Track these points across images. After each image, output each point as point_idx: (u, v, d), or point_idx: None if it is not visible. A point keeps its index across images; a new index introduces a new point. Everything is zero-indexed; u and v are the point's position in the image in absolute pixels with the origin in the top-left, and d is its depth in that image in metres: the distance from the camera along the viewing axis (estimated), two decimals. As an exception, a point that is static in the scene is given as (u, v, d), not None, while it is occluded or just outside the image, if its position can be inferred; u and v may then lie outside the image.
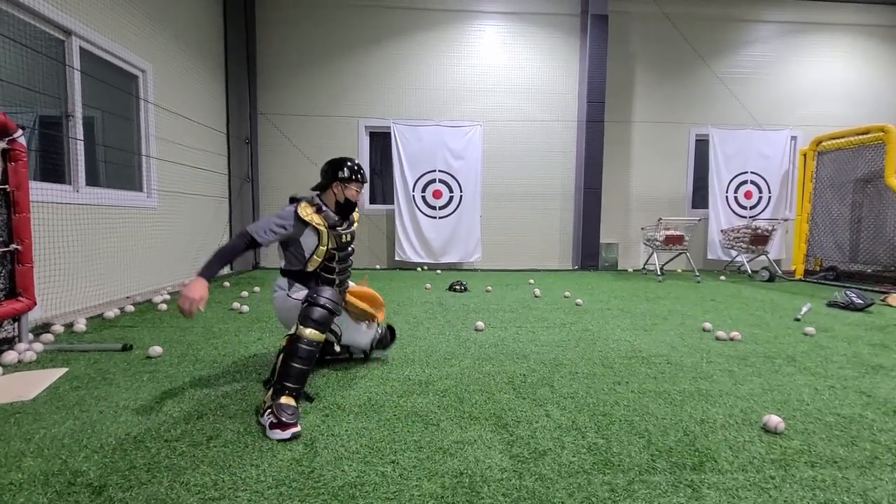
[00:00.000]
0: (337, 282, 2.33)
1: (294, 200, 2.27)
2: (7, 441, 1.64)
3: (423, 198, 7.25)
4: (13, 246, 2.63)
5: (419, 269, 7.31)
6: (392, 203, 7.34)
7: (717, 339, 3.18)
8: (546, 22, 7.44)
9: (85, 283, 3.77)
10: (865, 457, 1.60)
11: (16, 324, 2.72)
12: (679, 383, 2.31)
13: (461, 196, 7.26)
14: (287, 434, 1.68)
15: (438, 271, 7.09)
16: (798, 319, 3.83)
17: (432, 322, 3.64)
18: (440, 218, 7.27)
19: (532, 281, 6.09)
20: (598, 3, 7.22)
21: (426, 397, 2.09)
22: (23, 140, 2.66)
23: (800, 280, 6.55)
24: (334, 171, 2.27)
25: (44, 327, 3.15)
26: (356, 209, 2.42)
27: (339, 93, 7.27)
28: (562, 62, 7.52)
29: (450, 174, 7.24)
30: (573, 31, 7.48)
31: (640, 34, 7.61)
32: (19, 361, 2.51)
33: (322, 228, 2.22)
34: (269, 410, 1.76)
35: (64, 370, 2.40)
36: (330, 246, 2.26)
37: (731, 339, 3.16)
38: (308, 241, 2.22)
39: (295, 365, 1.87)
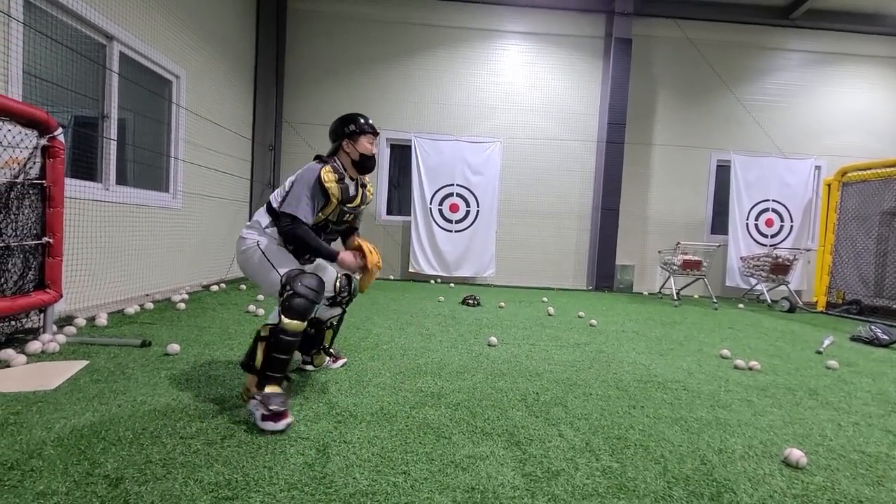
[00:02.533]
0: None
1: (319, 159, 2.17)
2: (29, 429, 1.67)
3: (440, 211, 7.30)
4: (45, 239, 2.72)
5: (433, 281, 7.32)
6: (409, 215, 7.40)
7: (736, 367, 3.11)
8: (570, 43, 7.53)
9: (108, 278, 3.87)
10: (893, 498, 1.54)
11: (42, 315, 2.80)
12: (696, 410, 2.26)
13: (478, 211, 7.29)
14: (281, 425, 1.72)
15: (452, 285, 7.09)
16: (820, 352, 3.73)
17: (445, 335, 3.63)
18: (456, 232, 7.30)
19: (546, 299, 6.05)
20: (622, 26, 7.28)
21: (438, 410, 2.08)
22: (62, 138, 2.77)
23: (821, 312, 6.38)
24: (343, 127, 2.18)
25: (67, 320, 3.23)
26: (368, 184, 2.33)
27: (362, 104, 7.41)
28: (584, 83, 7.57)
29: (467, 189, 7.29)
30: (596, 53, 7.54)
31: (663, 58, 7.64)
32: (43, 352, 2.57)
33: (334, 200, 2.10)
34: (257, 401, 1.79)
35: (85, 363, 2.45)
36: (330, 217, 2.17)
37: (750, 369, 3.08)
38: (318, 201, 2.10)
39: (278, 356, 1.87)
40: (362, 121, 2.20)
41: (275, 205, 2.13)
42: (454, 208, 7.30)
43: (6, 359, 2.35)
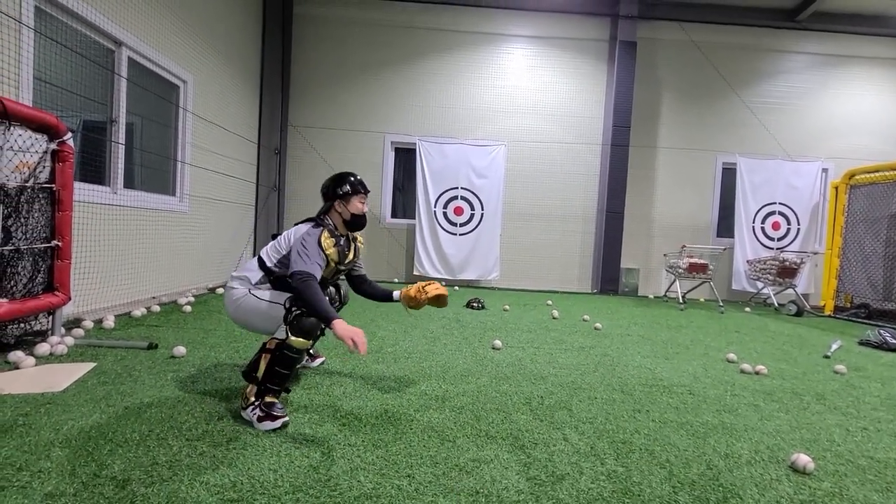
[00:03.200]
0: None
1: (316, 224, 2.15)
2: (38, 430, 1.69)
3: (445, 214, 7.31)
4: (54, 242, 2.75)
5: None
6: (413, 218, 7.42)
7: (742, 371, 3.08)
8: (574, 47, 7.53)
9: (115, 281, 3.90)
10: (902, 504, 1.53)
11: (50, 317, 2.83)
12: (702, 415, 2.24)
13: (482, 214, 7.29)
14: (277, 423, 1.79)
15: (456, 288, 7.09)
16: (828, 356, 3.70)
17: (449, 338, 3.63)
18: (460, 235, 7.30)
19: (550, 302, 6.04)
20: (626, 30, 7.28)
21: (442, 413, 2.08)
22: (71, 142, 2.80)
23: (829, 316, 6.32)
24: (335, 187, 2.19)
25: (75, 322, 3.26)
26: (359, 237, 2.35)
27: (367, 108, 7.45)
28: (588, 86, 7.57)
29: (472, 192, 7.30)
30: (601, 57, 7.55)
31: (668, 61, 7.63)
32: (51, 354, 2.60)
33: (332, 264, 2.16)
34: (254, 407, 1.85)
35: (92, 365, 2.47)
36: (325, 276, 2.20)
37: (757, 373, 3.06)
38: None
39: (280, 370, 1.88)
40: (353, 180, 2.21)
41: (269, 263, 2.10)
42: (458, 211, 7.31)
43: (15, 361, 2.37)
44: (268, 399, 1.86)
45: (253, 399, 1.88)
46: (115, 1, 3.85)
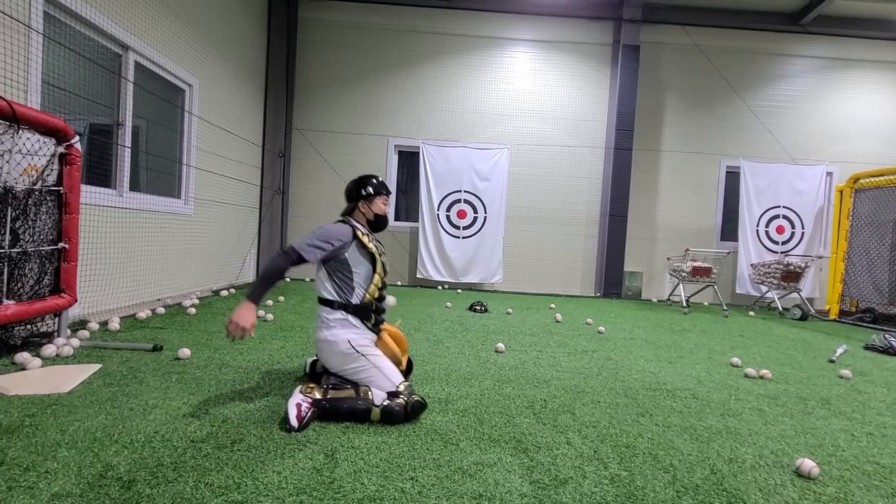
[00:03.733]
0: (385, 311, 2.30)
1: (345, 221, 2.23)
2: (44, 431, 1.70)
3: (448, 217, 7.32)
4: (61, 244, 2.77)
5: (440, 287, 7.33)
6: (416, 221, 7.43)
7: (747, 376, 3.07)
8: (577, 50, 7.55)
9: (121, 283, 3.93)
10: (908, 510, 1.52)
11: (56, 319, 2.85)
12: (706, 419, 2.24)
13: (485, 217, 7.30)
14: (293, 412, 1.83)
15: (459, 291, 7.10)
16: (833, 361, 3.68)
17: (452, 341, 3.63)
18: (463, 238, 7.31)
19: (553, 305, 6.03)
20: (630, 33, 7.30)
21: (445, 416, 2.08)
22: (79, 146, 2.83)
23: (834, 320, 6.29)
24: (359, 188, 2.28)
25: (81, 324, 3.28)
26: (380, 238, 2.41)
27: (370, 111, 7.49)
28: (592, 90, 7.58)
29: (475, 195, 7.31)
30: (604, 60, 7.56)
31: (671, 64, 7.63)
32: (57, 355, 2.61)
33: (377, 255, 2.18)
34: (304, 399, 1.91)
35: (98, 366, 2.49)
36: (382, 274, 2.22)
37: (761, 377, 3.05)
38: (362, 268, 2.16)
39: (342, 411, 1.94)
40: (376, 182, 2.29)
41: (328, 296, 2.15)
42: (462, 214, 7.32)
43: (22, 362, 2.39)
44: (312, 410, 1.91)
45: (309, 397, 1.94)
46: (122, 6, 3.89)
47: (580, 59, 7.56)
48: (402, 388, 2.05)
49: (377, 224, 2.31)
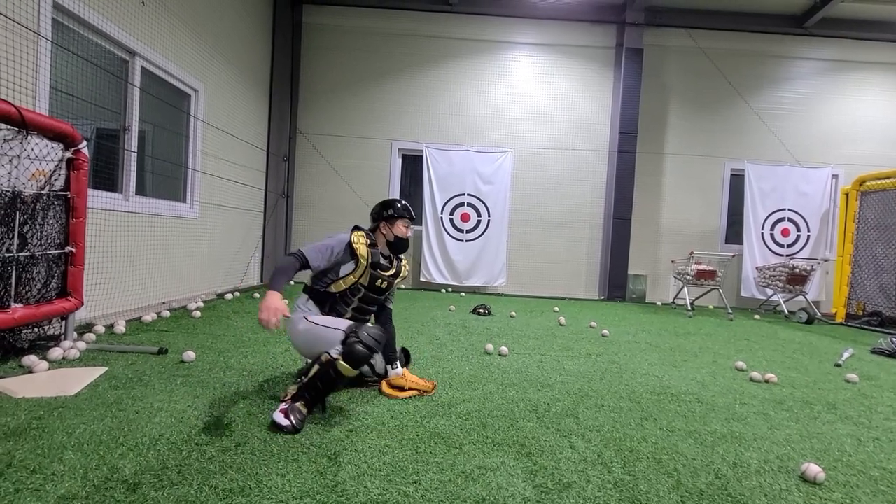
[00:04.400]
0: (347, 317, 2.28)
1: (356, 228, 2.29)
2: (51, 433, 1.72)
3: (451, 220, 7.33)
4: (68, 248, 2.80)
5: (443, 290, 7.33)
6: (420, 224, 7.44)
7: (752, 379, 3.05)
8: (581, 54, 7.56)
9: (127, 286, 3.95)
10: (915, 516, 1.51)
11: (63, 322, 2.87)
12: (710, 423, 2.23)
13: (489, 220, 7.31)
14: (286, 422, 1.84)
15: (463, 294, 7.10)
16: (839, 365, 3.65)
17: (455, 345, 3.63)
18: (467, 241, 7.32)
19: (557, 309, 6.02)
20: (633, 36, 7.30)
21: (449, 420, 2.08)
22: (86, 151, 2.86)
23: (840, 324, 6.24)
24: (382, 210, 2.38)
25: (87, 327, 3.31)
26: (404, 259, 2.46)
27: (374, 115, 7.52)
28: (595, 93, 7.58)
29: (478, 198, 7.32)
30: (607, 63, 7.56)
31: (675, 67, 7.63)
32: (64, 358, 2.64)
33: (363, 262, 2.22)
34: (285, 404, 1.92)
35: (104, 369, 2.50)
36: (360, 280, 2.25)
37: (767, 381, 3.03)
38: (346, 267, 2.23)
39: (319, 386, 1.97)
40: (400, 206, 2.38)
41: (308, 282, 2.30)
42: (465, 218, 7.33)
43: (29, 365, 2.41)
44: (297, 404, 1.92)
45: (289, 397, 1.97)
46: (129, 12, 3.94)
47: (583, 63, 7.57)
48: (347, 329, 2.03)
49: (397, 246, 2.38)
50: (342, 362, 1.94)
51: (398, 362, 2.46)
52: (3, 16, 2.82)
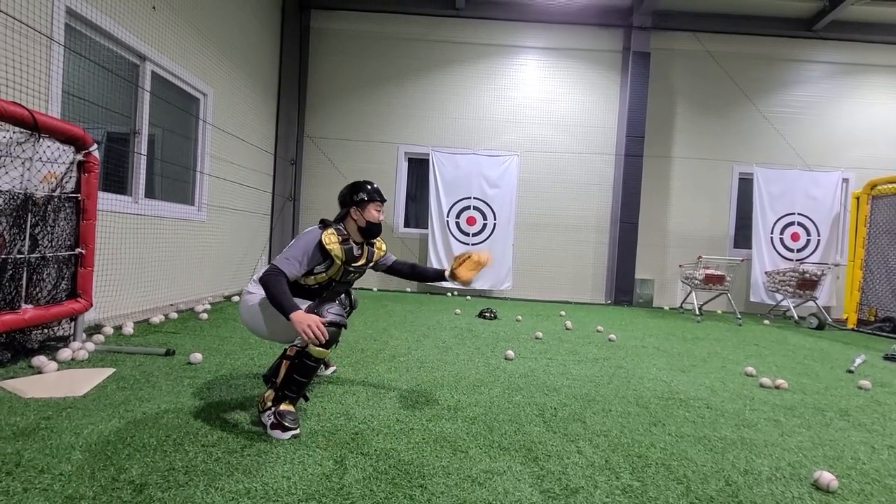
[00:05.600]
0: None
1: (323, 224, 2.19)
2: (59, 433, 1.73)
3: (458, 224, 7.33)
4: (78, 250, 2.83)
5: (449, 294, 7.32)
6: (426, 227, 7.45)
7: (762, 385, 3.01)
8: (587, 58, 7.56)
9: (135, 288, 3.99)
10: (932, 526, 1.47)
11: (73, 323, 2.90)
12: (720, 429, 2.20)
13: (495, 224, 7.30)
14: (287, 435, 1.80)
15: (468, 297, 7.08)
16: (851, 371, 3.59)
17: (461, 348, 3.62)
18: (473, 244, 7.31)
19: (563, 313, 5.99)
20: (640, 40, 7.29)
21: (455, 423, 2.07)
22: (97, 154, 2.89)
23: (852, 330, 6.15)
24: (352, 194, 2.22)
25: (96, 328, 3.33)
26: (379, 236, 2.33)
27: (381, 119, 7.55)
28: (602, 96, 7.57)
29: (485, 202, 7.32)
30: (614, 67, 7.55)
31: (682, 70, 7.60)
32: (72, 359, 2.66)
33: (337, 261, 2.13)
34: (270, 412, 1.87)
35: (112, 370, 2.52)
36: (333, 276, 2.17)
37: (777, 387, 2.99)
38: (318, 267, 2.13)
39: (298, 377, 1.90)
40: (370, 188, 2.24)
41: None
42: (471, 221, 7.33)
43: (38, 365, 2.43)
44: (283, 407, 1.88)
45: (270, 404, 1.90)
46: (140, 17, 3.99)
47: (590, 67, 7.56)
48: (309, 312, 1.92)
49: (370, 231, 2.24)
50: (313, 347, 1.84)
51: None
52: (17, 21, 2.86)
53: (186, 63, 4.68)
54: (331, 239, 2.11)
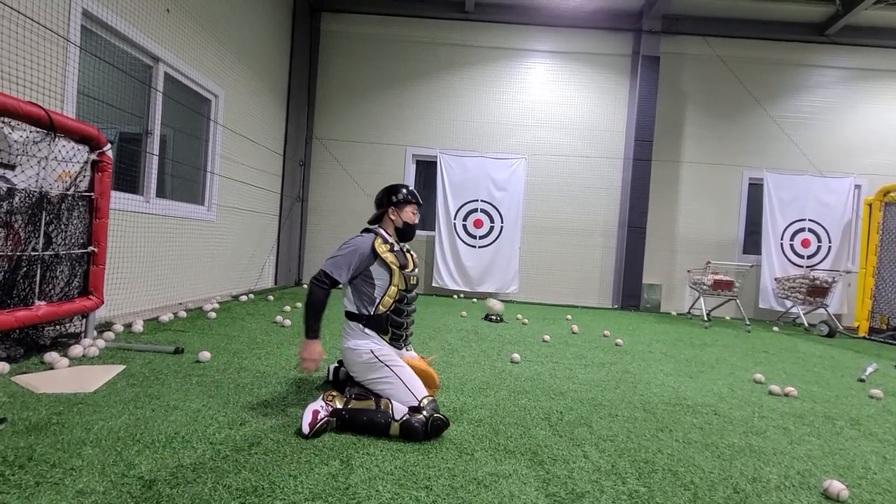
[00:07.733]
0: (405, 326, 2.22)
1: (368, 231, 2.24)
2: (70, 429, 1.75)
3: (465, 226, 7.33)
4: (91, 248, 2.87)
5: (455, 296, 7.32)
6: (433, 230, 7.46)
7: (771, 393, 2.98)
8: (596, 61, 7.54)
9: (145, 287, 4.03)
10: (945, 538, 1.45)
11: (84, 320, 2.94)
12: (728, 436, 2.18)
13: (502, 227, 7.29)
14: (306, 429, 1.82)
15: (475, 300, 7.08)
16: (862, 380, 3.54)
17: (467, 350, 3.62)
18: (480, 247, 7.31)
19: (569, 317, 5.96)
20: (649, 44, 7.26)
21: (461, 426, 2.07)
22: (110, 153, 2.93)
23: (863, 338, 6.07)
24: (389, 196, 2.27)
25: (106, 325, 3.37)
26: (412, 252, 2.38)
27: (389, 121, 7.59)
28: (610, 100, 7.55)
29: (492, 205, 7.32)
30: (623, 71, 7.53)
31: (692, 75, 7.56)
32: (83, 356, 2.69)
33: (395, 267, 2.15)
34: (321, 405, 1.92)
35: (122, 367, 2.55)
36: (400, 286, 2.18)
37: (786, 395, 2.95)
38: (380, 280, 2.15)
39: (363, 421, 1.90)
40: (406, 191, 2.29)
41: (349, 307, 2.18)
42: (478, 224, 7.33)
43: (50, 361, 2.47)
44: (333, 419, 1.90)
45: (329, 407, 1.93)
46: (154, 20, 4.05)
47: (599, 70, 7.55)
48: (424, 402, 1.99)
49: (406, 232, 2.29)
50: (396, 427, 1.86)
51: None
52: (35, 22, 2.92)
53: (198, 65, 4.74)
54: (382, 248, 2.15)
